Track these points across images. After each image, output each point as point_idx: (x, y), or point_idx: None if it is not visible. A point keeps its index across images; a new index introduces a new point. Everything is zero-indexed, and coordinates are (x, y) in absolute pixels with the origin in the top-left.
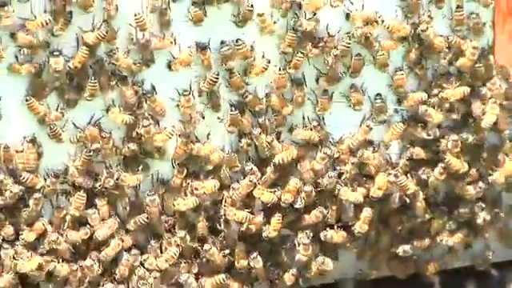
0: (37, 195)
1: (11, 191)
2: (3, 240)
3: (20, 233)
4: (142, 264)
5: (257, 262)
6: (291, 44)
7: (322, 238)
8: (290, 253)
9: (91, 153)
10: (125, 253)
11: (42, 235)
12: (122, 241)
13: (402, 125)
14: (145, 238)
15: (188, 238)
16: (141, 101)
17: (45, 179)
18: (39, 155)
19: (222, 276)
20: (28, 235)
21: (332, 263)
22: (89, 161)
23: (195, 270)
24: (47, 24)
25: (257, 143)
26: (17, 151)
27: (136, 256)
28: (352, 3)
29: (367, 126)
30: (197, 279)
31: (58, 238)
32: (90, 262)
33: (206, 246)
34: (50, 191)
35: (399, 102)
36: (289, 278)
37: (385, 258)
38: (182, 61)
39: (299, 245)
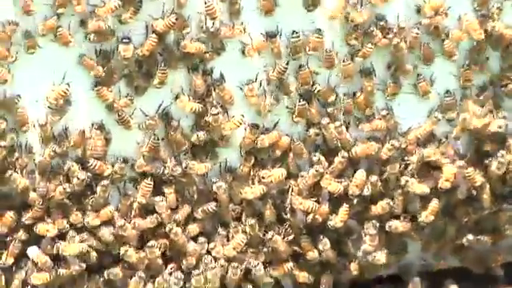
0: (104, 182)
1: (78, 178)
2: (71, 226)
3: (85, 218)
4: (208, 252)
5: (325, 244)
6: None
7: (387, 229)
8: (356, 243)
9: (159, 140)
10: (192, 241)
11: (108, 222)
12: None
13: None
14: (212, 226)
15: (257, 226)
16: (210, 89)
17: (112, 166)
18: (107, 142)
19: (290, 265)
20: (93, 220)
21: (385, 256)
22: (156, 148)
23: (262, 259)
24: (117, 9)
25: (325, 133)
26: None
27: (203, 244)
28: None
29: (435, 117)
30: (265, 268)
31: (124, 224)
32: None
33: (269, 235)
34: (118, 178)
35: None
36: (354, 268)
37: (450, 249)
38: (257, 47)
39: (366, 235)
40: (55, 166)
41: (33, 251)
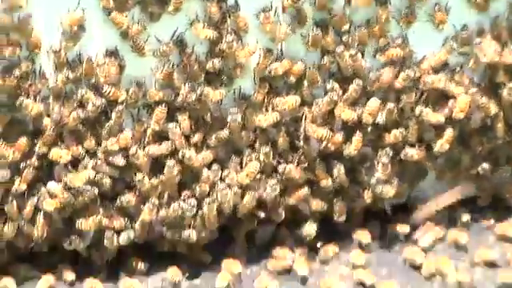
0: (119, 107)
1: (93, 104)
2: (87, 152)
3: (102, 143)
4: (222, 179)
5: (338, 169)
6: None
7: (402, 157)
8: (369, 171)
9: (173, 66)
10: (205, 168)
11: (125, 148)
12: None
13: None
14: (225, 154)
15: (271, 153)
16: (224, 16)
17: (127, 93)
18: (121, 69)
19: (305, 190)
20: (112, 145)
21: (393, 189)
22: (170, 74)
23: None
24: None
25: (340, 61)
26: (99, 64)
27: (217, 171)
28: None
29: (450, 46)
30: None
31: (136, 152)
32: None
33: (281, 167)
34: (132, 103)
35: None
36: (368, 196)
37: (464, 178)
38: None
39: (378, 164)
40: (69, 92)
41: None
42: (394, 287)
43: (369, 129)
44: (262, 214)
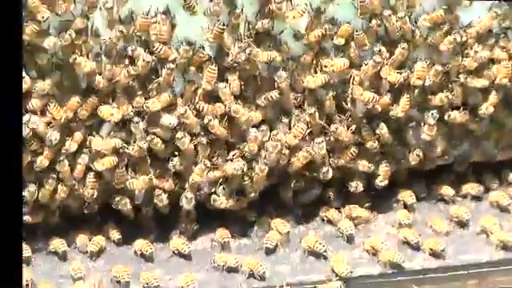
0: (170, 65)
1: (144, 60)
2: (135, 112)
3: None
4: (270, 140)
5: (382, 127)
6: None
7: (446, 119)
8: (415, 132)
9: (224, 26)
10: (253, 128)
11: (168, 108)
12: None
13: None
14: (274, 114)
15: (317, 114)
16: None
17: (177, 51)
18: (172, 27)
19: (352, 149)
20: (153, 104)
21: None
22: (221, 34)
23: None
24: None
25: (387, 24)
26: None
27: (265, 132)
28: None
29: (495, 13)
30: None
31: (186, 111)
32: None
33: (333, 127)
34: (183, 62)
35: None
36: (413, 158)
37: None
38: None
39: (424, 125)
40: (121, 50)
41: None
42: (439, 244)
43: (416, 91)
44: (310, 173)
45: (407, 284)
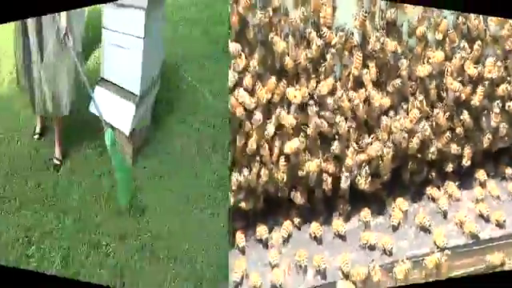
0: (332, 50)
1: (316, 44)
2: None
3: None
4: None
5: (465, 114)
6: None
7: (507, 108)
8: (487, 119)
9: (366, 13)
10: (383, 116)
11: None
12: None
13: None
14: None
15: (424, 102)
16: None
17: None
18: (334, 10)
19: (447, 134)
20: (322, 87)
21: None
22: (364, 21)
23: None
24: None
25: (468, 23)
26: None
27: (393, 118)
28: None
29: None
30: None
31: (342, 95)
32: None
33: (436, 111)
34: (340, 48)
35: None
36: (485, 141)
37: None
38: None
39: (492, 113)
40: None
41: None
42: (503, 215)
43: (486, 83)
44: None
45: (480, 252)
